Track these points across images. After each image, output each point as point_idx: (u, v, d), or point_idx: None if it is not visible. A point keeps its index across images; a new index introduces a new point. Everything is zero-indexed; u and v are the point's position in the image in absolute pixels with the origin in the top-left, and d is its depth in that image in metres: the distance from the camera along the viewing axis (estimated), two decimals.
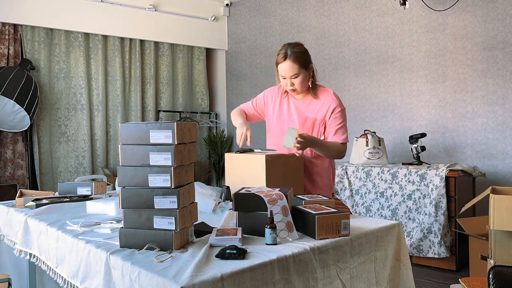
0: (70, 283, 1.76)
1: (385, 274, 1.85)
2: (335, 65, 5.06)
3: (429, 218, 3.59)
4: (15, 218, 2.30)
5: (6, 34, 4.64)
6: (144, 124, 1.56)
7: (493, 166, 3.96)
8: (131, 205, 1.57)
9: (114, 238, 1.68)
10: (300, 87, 2.28)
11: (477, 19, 4.02)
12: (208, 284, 1.26)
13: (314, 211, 1.71)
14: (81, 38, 5.11)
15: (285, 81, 2.29)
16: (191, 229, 1.66)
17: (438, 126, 4.29)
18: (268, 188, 1.85)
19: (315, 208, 1.76)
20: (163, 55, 5.84)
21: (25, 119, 4.42)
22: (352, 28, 4.88)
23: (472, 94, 4.08)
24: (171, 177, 1.52)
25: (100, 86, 5.25)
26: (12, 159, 4.73)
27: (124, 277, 1.43)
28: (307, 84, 2.30)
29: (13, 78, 4.28)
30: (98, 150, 5.28)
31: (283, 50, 2.25)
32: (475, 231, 3.20)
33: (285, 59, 2.22)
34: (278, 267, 1.45)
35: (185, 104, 6.05)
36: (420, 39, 4.38)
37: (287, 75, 2.25)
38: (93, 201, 2.29)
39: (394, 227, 1.92)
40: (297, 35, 5.42)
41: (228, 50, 6.26)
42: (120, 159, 1.59)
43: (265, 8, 5.78)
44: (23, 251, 2.18)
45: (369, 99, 4.78)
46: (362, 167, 4.07)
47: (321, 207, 1.78)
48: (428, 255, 3.62)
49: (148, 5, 5.44)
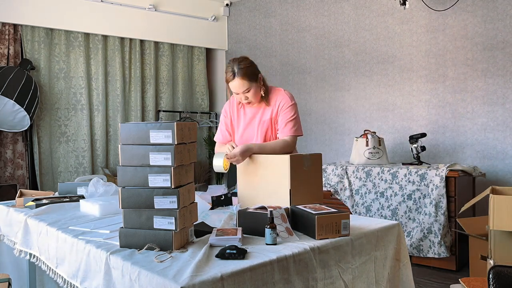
0: (70, 283, 1.76)
1: (385, 274, 1.86)
2: (335, 65, 5.06)
3: (429, 218, 3.59)
4: (15, 218, 2.30)
5: (6, 34, 4.64)
6: (144, 124, 1.56)
7: (493, 166, 3.96)
8: (131, 205, 1.57)
9: (114, 238, 1.68)
10: (254, 99, 2.37)
11: (477, 19, 4.02)
12: (208, 284, 1.26)
13: (314, 211, 1.71)
14: (81, 38, 5.11)
15: (239, 96, 2.38)
16: (191, 229, 1.66)
17: (438, 126, 4.29)
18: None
19: (315, 208, 1.76)
20: (163, 55, 5.84)
21: (25, 119, 4.42)
22: (352, 28, 4.88)
23: (472, 94, 4.08)
24: (171, 177, 1.52)
25: (100, 86, 5.25)
26: (12, 159, 4.73)
27: (124, 277, 1.43)
28: (260, 93, 2.38)
29: (13, 78, 4.28)
30: (98, 150, 5.28)
31: (230, 68, 2.32)
32: (475, 231, 3.20)
33: (233, 77, 2.30)
34: (278, 267, 1.45)
35: (185, 104, 6.05)
36: (420, 39, 4.38)
37: (239, 92, 2.34)
38: (85, 200, 2.31)
39: (394, 227, 1.92)
40: (297, 35, 5.42)
41: (228, 50, 6.25)
42: (120, 159, 1.59)
43: (265, 8, 5.78)
44: (23, 251, 2.18)
45: (369, 99, 4.78)
46: (362, 167, 4.07)
47: (321, 207, 1.78)
48: (428, 255, 3.62)
49: (148, 5, 5.44)
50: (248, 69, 2.31)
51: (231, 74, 2.30)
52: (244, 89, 2.31)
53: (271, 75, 5.70)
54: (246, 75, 2.29)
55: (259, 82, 2.37)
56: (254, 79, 2.33)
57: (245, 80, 2.29)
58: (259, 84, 2.37)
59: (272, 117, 2.41)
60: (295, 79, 5.47)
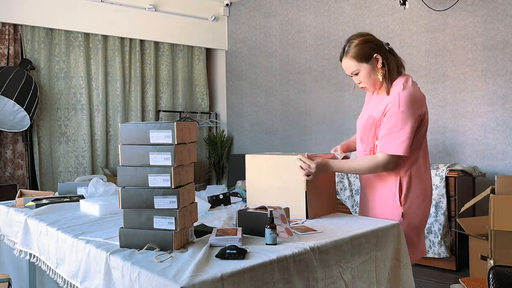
0: (70, 283, 1.76)
1: (385, 274, 1.86)
2: (335, 65, 5.05)
3: (429, 218, 3.59)
4: (15, 218, 2.30)
5: (6, 34, 4.64)
6: (144, 124, 1.56)
7: (493, 166, 3.96)
8: (131, 205, 1.57)
9: (114, 238, 1.68)
10: (366, 83, 2.03)
11: (477, 19, 4.02)
12: (208, 284, 1.26)
13: None
14: (81, 38, 5.11)
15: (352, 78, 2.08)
16: (191, 229, 1.66)
17: (438, 126, 4.29)
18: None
19: None
20: (163, 55, 5.84)
21: (25, 119, 4.42)
22: (352, 28, 4.88)
23: (472, 94, 4.08)
24: (171, 177, 1.52)
25: (100, 86, 5.25)
26: (12, 159, 4.73)
27: (124, 277, 1.43)
28: (373, 77, 2.00)
29: (13, 78, 4.28)
30: (98, 150, 5.28)
31: (343, 46, 2.04)
32: (475, 231, 3.20)
33: (342, 57, 2.03)
34: (278, 267, 1.44)
35: (185, 104, 6.05)
36: (420, 39, 4.38)
37: (347, 73, 2.05)
38: (85, 200, 2.31)
39: (394, 227, 1.92)
40: (297, 35, 5.42)
41: (228, 50, 6.26)
42: (120, 159, 1.59)
43: (265, 8, 5.78)
44: (23, 251, 2.17)
45: None
46: None
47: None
48: (428, 255, 3.62)
49: (148, 5, 5.44)
50: (358, 47, 1.97)
51: (341, 53, 2.02)
52: (351, 71, 2.01)
53: (271, 75, 5.70)
54: (355, 54, 1.97)
55: (374, 64, 1.98)
56: (365, 60, 1.97)
57: (353, 60, 1.98)
58: (374, 66, 1.98)
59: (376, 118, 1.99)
60: (295, 79, 5.47)
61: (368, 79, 2.00)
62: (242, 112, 6.11)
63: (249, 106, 5.99)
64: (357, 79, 2.04)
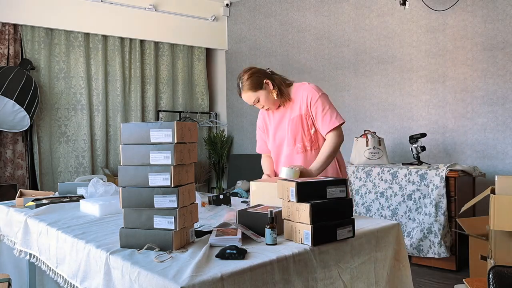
0: (70, 283, 1.76)
1: (384, 275, 1.86)
2: (335, 65, 5.06)
3: (429, 218, 3.59)
4: (15, 218, 2.30)
5: (6, 34, 4.64)
6: (145, 123, 1.57)
7: (493, 166, 3.96)
8: (131, 204, 1.57)
9: (114, 238, 1.68)
10: (268, 104, 2.38)
11: (477, 19, 4.02)
12: (208, 284, 1.26)
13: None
14: (81, 38, 5.11)
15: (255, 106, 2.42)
16: (192, 229, 1.66)
17: (438, 126, 4.29)
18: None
19: None
20: (163, 55, 5.84)
21: (25, 119, 4.42)
22: (352, 28, 4.88)
23: (472, 94, 4.08)
24: (170, 176, 1.52)
25: (100, 86, 5.25)
26: (12, 159, 4.73)
27: (124, 277, 1.43)
28: (272, 98, 2.36)
29: (13, 78, 4.28)
30: (98, 150, 5.28)
31: (237, 83, 2.38)
32: (475, 231, 3.20)
33: (240, 92, 2.36)
34: (278, 267, 1.44)
35: (185, 104, 6.05)
36: (420, 39, 4.38)
37: (250, 103, 2.38)
38: (85, 200, 2.31)
39: (394, 227, 1.92)
40: (297, 35, 5.42)
41: (228, 50, 6.26)
42: (121, 158, 1.60)
43: (265, 8, 5.78)
44: (23, 251, 2.18)
45: (369, 99, 4.78)
46: (362, 167, 4.07)
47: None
48: (428, 255, 3.62)
49: (148, 5, 5.44)
50: (249, 80, 2.32)
51: (238, 90, 2.37)
52: (253, 99, 2.35)
53: None
54: (249, 87, 2.32)
55: (267, 88, 2.34)
56: (259, 87, 2.33)
57: (250, 91, 2.32)
58: (268, 89, 2.35)
59: (302, 113, 2.35)
60: (295, 79, 5.43)
61: (268, 101, 2.36)
62: (242, 112, 6.10)
63: (249, 106, 5.99)
64: (260, 105, 2.39)
